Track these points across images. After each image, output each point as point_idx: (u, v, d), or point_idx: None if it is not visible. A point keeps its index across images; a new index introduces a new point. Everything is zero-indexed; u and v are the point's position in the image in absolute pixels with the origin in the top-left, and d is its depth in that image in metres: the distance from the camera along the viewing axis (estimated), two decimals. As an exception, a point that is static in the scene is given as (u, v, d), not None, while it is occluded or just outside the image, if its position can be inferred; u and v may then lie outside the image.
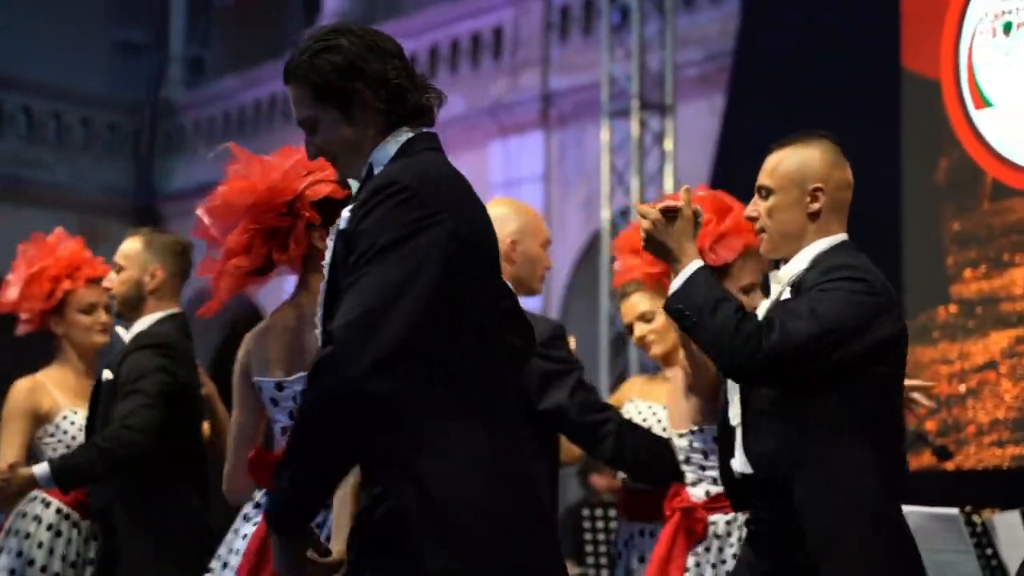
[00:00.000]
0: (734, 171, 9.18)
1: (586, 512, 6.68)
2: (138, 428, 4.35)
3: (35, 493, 4.82)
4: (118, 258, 4.73)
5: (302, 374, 3.35)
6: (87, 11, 19.17)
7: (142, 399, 4.38)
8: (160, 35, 19.39)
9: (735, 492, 3.42)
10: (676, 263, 3.33)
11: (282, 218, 3.58)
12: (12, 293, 5.17)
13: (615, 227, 10.91)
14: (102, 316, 5.10)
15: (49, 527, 4.84)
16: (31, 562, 4.80)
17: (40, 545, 4.81)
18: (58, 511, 4.86)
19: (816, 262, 3.33)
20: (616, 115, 10.92)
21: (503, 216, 4.26)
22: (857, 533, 3.18)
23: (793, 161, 3.38)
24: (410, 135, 2.89)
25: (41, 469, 4.45)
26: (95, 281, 5.08)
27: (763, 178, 3.41)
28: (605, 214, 10.88)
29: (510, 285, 4.30)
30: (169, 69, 18.24)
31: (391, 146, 2.85)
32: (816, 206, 3.35)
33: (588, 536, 6.56)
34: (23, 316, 5.15)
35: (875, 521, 3.19)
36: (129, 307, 4.70)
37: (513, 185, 13.66)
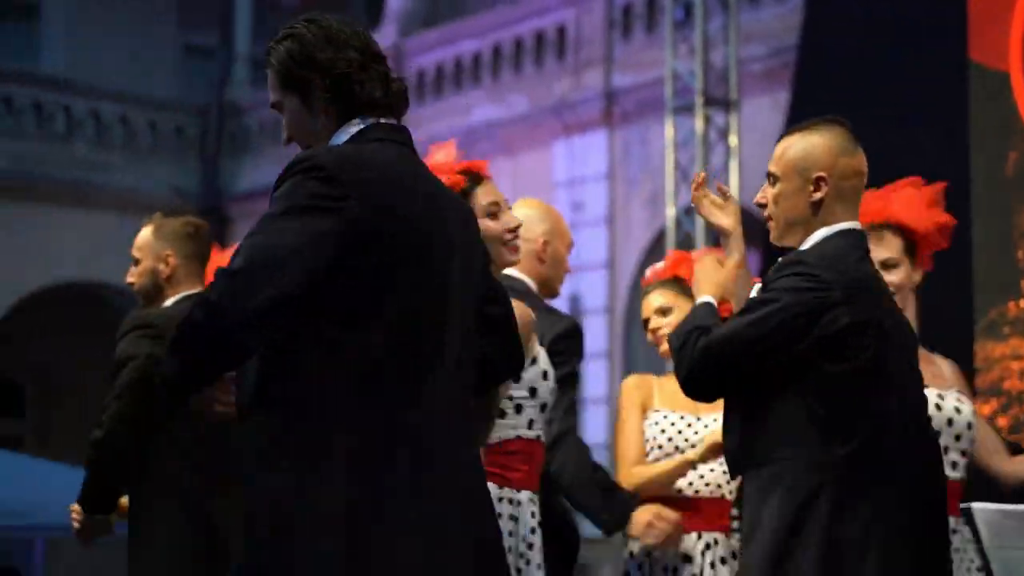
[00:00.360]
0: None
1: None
2: (105, 428, 4.31)
3: None
4: (133, 250, 4.64)
5: None
6: (154, 15, 19.32)
7: (115, 399, 4.32)
8: (225, 36, 19.53)
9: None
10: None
11: None
12: None
13: (680, 224, 10.88)
14: None
15: None
16: None
17: None
18: None
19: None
20: (680, 111, 10.89)
21: (533, 216, 4.29)
22: (775, 524, 3.13)
23: (798, 148, 3.34)
24: (361, 126, 2.91)
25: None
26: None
27: (771, 164, 3.39)
28: (670, 211, 10.85)
29: (530, 284, 4.28)
30: (234, 70, 18.36)
31: (342, 135, 2.90)
32: (819, 195, 3.30)
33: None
34: None
35: (797, 516, 3.12)
36: (149, 299, 4.59)
37: (577, 184, 13.65)
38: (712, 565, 4.40)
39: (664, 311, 4.53)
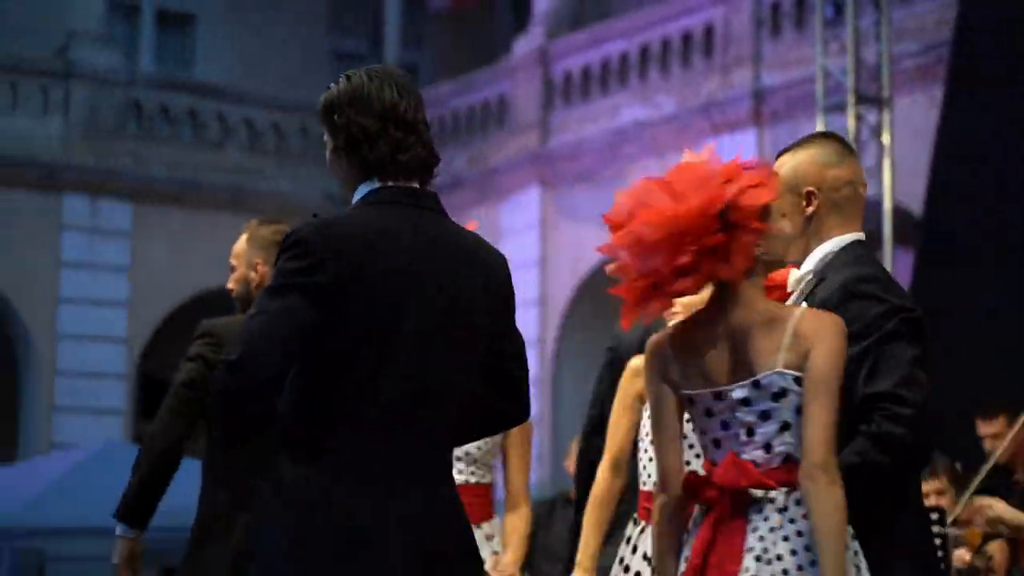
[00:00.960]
0: (954, 163, 8.97)
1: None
2: (149, 435, 4.43)
3: None
4: (231, 257, 4.74)
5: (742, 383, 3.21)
6: (305, 23, 19.62)
7: (164, 403, 4.44)
8: (375, 42, 19.75)
9: None
10: None
11: (717, 234, 3.22)
12: None
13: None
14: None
15: None
16: None
17: None
18: None
19: (825, 266, 3.37)
20: (831, 110, 10.76)
21: None
22: None
23: (788, 167, 3.43)
24: (375, 186, 3.13)
25: (121, 529, 4.49)
26: None
27: None
28: (821, 211, 10.73)
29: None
30: (384, 77, 18.52)
31: (360, 191, 3.15)
32: (811, 209, 3.39)
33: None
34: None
35: None
36: (246, 305, 4.64)
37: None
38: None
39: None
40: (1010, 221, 8.20)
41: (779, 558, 3.03)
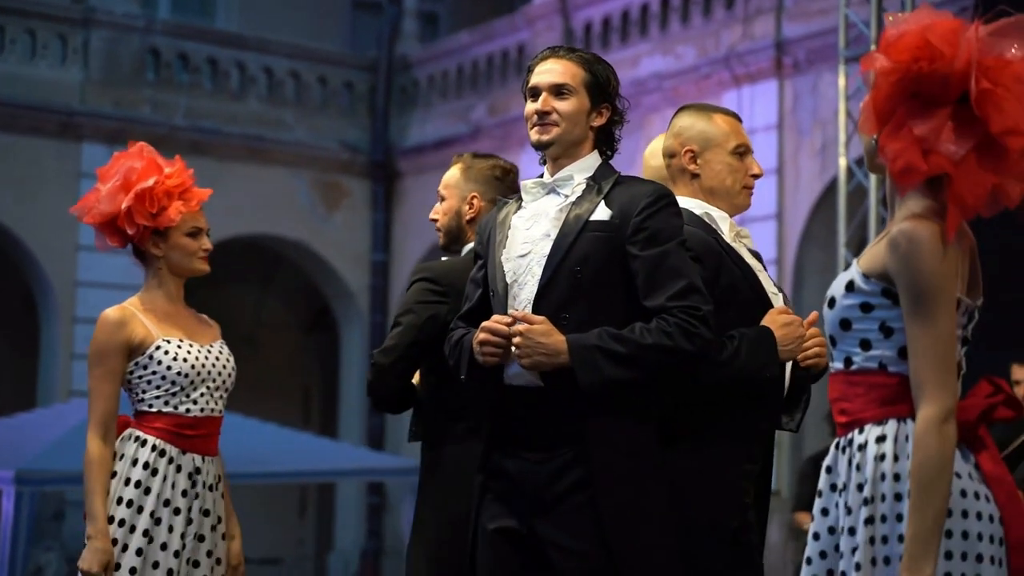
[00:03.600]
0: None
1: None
2: (379, 351, 4.32)
3: (128, 431, 4.74)
4: (440, 188, 4.58)
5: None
6: (324, -29, 19.54)
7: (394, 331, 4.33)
8: (394, -8, 19.66)
9: None
10: None
11: None
12: (107, 205, 4.86)
13: (852, 175, 10.71)
14: (206, 243, 4.91)
15: (145, 465, 4.67)
16: (121, 500, 4.63)
17: (136, 484, 4.64)
18: (153, 448, 4.70)
19: None
20: (853, 61, 10.69)
21: None
22: None
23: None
24: None
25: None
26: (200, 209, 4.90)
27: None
28: (842, 162, 10.69)
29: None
30: (403, 24, 18.46)
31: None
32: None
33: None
34: (119, 231, 4.92)
35: None
36: (451, 238, 4.54)
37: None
38: None
39: None
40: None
41: None
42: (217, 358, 4.86)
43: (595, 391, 3.64)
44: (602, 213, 3.80)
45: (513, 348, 3.67)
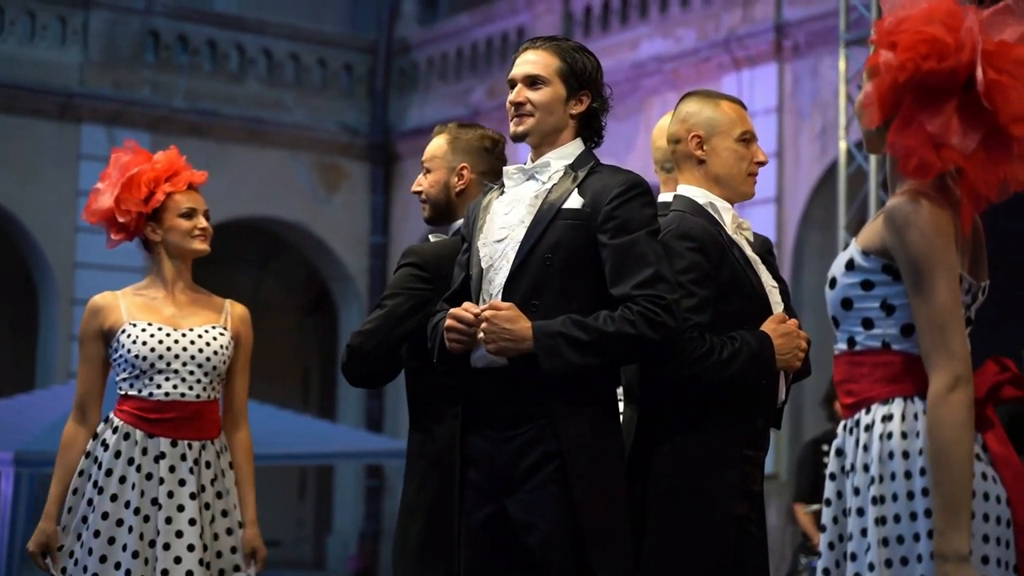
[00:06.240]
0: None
1: (826, 448, 6.52)
2: (357, 333, 4.24)
3: (109, 413, 4.80)
4: (424, 159, 4.47)
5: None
6: (323, -48, 19.49)
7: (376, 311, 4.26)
8: (394, -26, 19.62)
9: None
10: None
11: None
12: (106, 200, 4.90)
13: (852, 159, 10.70)
14: (201, 222, 4.90)
15: (106, 446, 4.74)
16: (89, 478, 4.73)
17: (99, 465, 4.72)
18: (116, 430, 4.75)
19: None
20: (853, 44, 10.67)
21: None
22: None
23: None
24: None
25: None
26: (194, 189, 4.91)
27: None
28: (842, 145, 10.68)
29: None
30: (403, 6, 18.43)
31: None
32: None
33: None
34: (119, 223, 4.91)
35: None
36: (439, 212, 4.44)
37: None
38: None
39: None
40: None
41: None
42: (193, 342, 4.79)
43: (557, 376, 3.72)
44: (575, 201, 3.84)
45: (480, 334, 3.72)
